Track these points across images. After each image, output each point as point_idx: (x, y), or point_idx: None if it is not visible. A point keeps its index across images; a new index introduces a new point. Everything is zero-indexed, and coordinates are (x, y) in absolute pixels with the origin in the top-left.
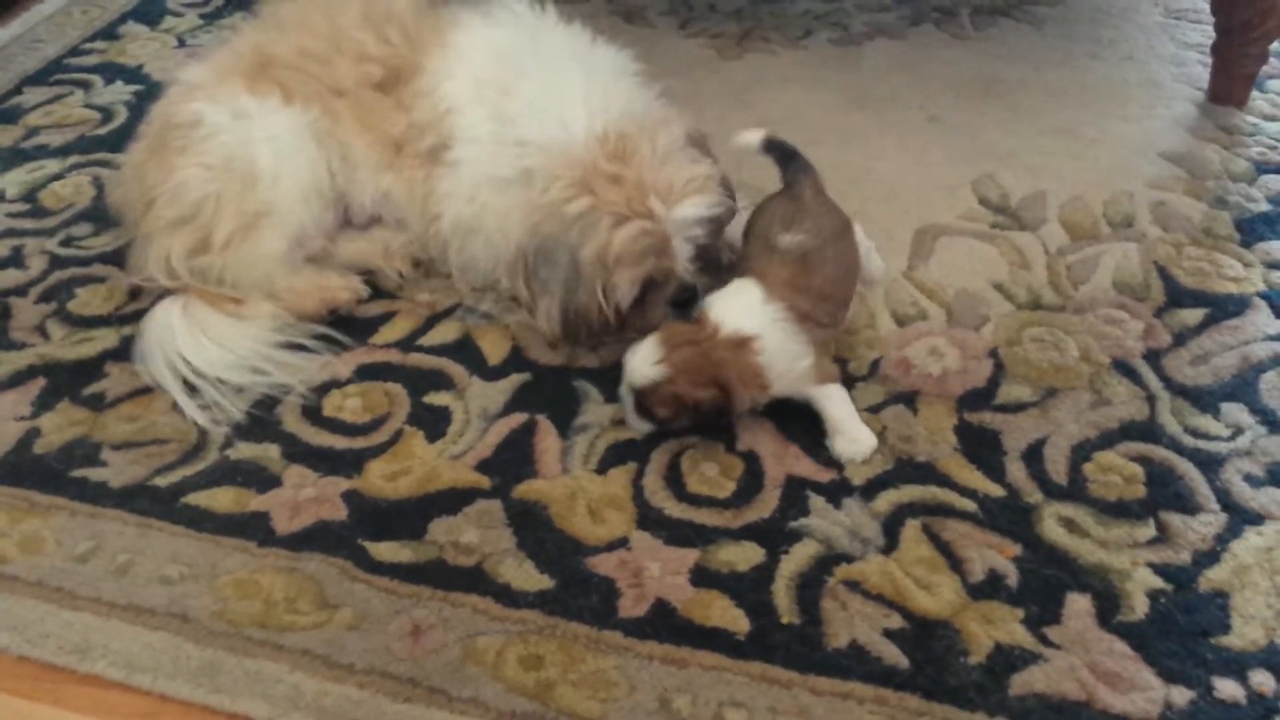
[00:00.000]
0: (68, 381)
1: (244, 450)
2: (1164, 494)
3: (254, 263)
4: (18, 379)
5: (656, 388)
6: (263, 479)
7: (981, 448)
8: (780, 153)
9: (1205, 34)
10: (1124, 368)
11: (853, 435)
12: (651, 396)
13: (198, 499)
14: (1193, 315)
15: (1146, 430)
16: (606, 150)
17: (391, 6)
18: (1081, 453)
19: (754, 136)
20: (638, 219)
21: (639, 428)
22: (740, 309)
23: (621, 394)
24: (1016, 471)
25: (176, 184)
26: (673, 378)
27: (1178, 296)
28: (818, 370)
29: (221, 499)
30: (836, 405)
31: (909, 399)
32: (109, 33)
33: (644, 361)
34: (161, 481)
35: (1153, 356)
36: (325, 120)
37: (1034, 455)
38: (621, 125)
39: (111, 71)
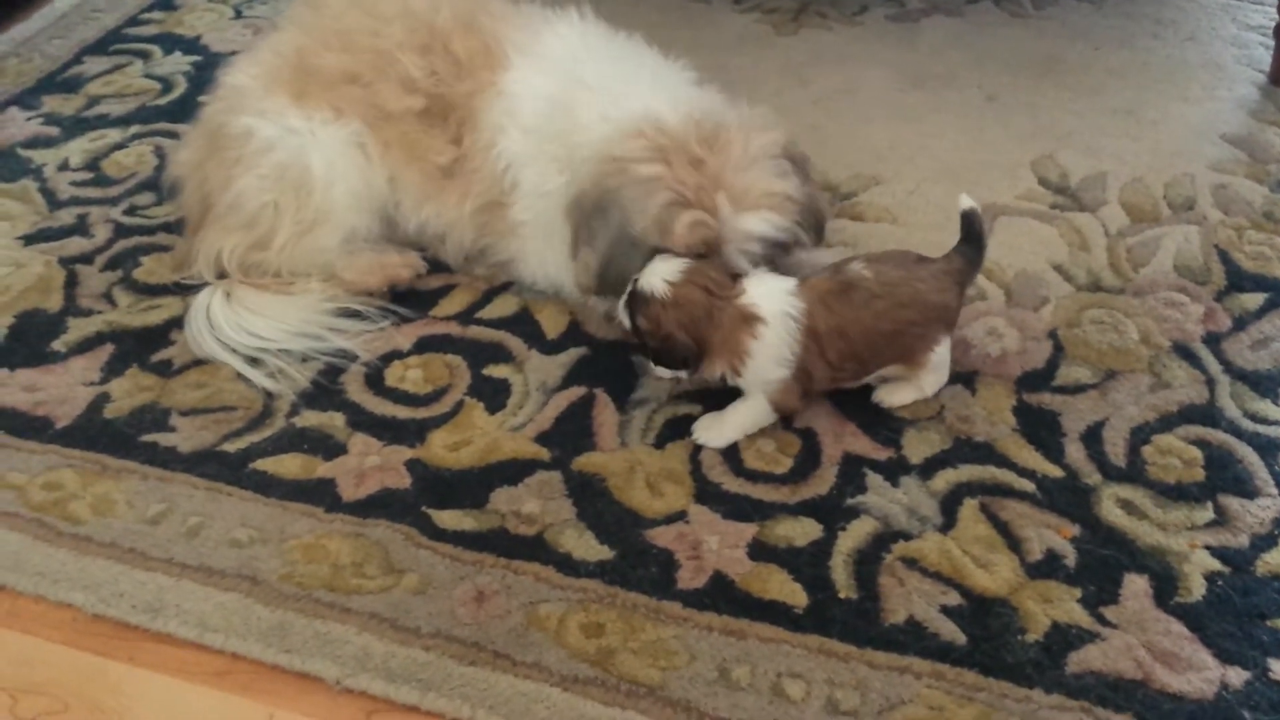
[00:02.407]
0: (135, 348)
1: (310, 418)
2: (1223, 477)
3: (311, 256)
4: (86, 345)
5: (651, 300)
6: (328, 446)
7: (1040, 428)
8: (968, 228)
9: (1268, 16)
10: (1184, 351)
11: (721, 430)
12: (642, 304)
13: (265, 465)
14: (1253, 300)
15: (1206, 414)
16: (699, 133)
17: (435, 22)
18: (1140, 435)
19: (966, 202)
20: (699, 210)
21: (620, 318)
22: (768, 288)
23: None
24: (1075, 453)
25: (235, 194)
26: (667, 304)
27: (1238, 281)
28: (782, 391)
29: (289, 465)
30: (749, 412)
31: (967, 379)
32: (166, 3)
33: (662, 272)
34: (230, 447)
35: (1213, 340)
36: (372, 137)
37: (1093, 437)
38: (719, 117)
39: (170, 42)
